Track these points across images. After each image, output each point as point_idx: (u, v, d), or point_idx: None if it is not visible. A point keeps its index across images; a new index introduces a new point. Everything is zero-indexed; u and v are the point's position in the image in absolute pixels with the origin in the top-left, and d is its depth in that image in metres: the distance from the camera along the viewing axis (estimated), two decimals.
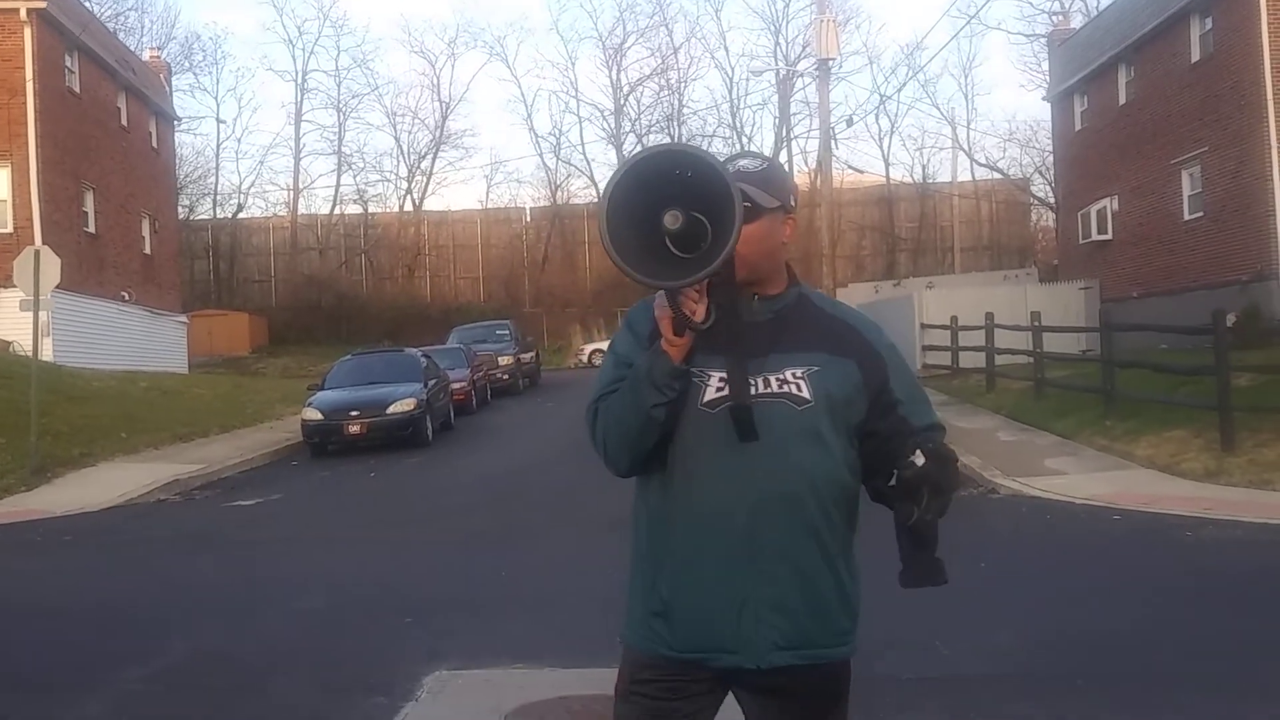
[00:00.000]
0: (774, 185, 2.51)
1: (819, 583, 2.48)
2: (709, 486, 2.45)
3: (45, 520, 12.33)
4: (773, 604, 2.44)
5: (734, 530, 2.43)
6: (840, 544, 2.53)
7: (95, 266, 27.45)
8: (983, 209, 46.11)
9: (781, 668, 2.46)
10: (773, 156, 2.96)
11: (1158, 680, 5.67)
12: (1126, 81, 25.88)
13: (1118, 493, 11.72)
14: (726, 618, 2.45)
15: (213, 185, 51.78)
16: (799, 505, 2.43)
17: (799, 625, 2.46)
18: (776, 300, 2.53)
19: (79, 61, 27.05)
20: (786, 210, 2.52)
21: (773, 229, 2.49)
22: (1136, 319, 19.94)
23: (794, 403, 2.43)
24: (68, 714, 5.51)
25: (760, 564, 2.43)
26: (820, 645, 2.50)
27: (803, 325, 2.51)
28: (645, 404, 2.40)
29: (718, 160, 2.23)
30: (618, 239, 2.22)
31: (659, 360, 2.38)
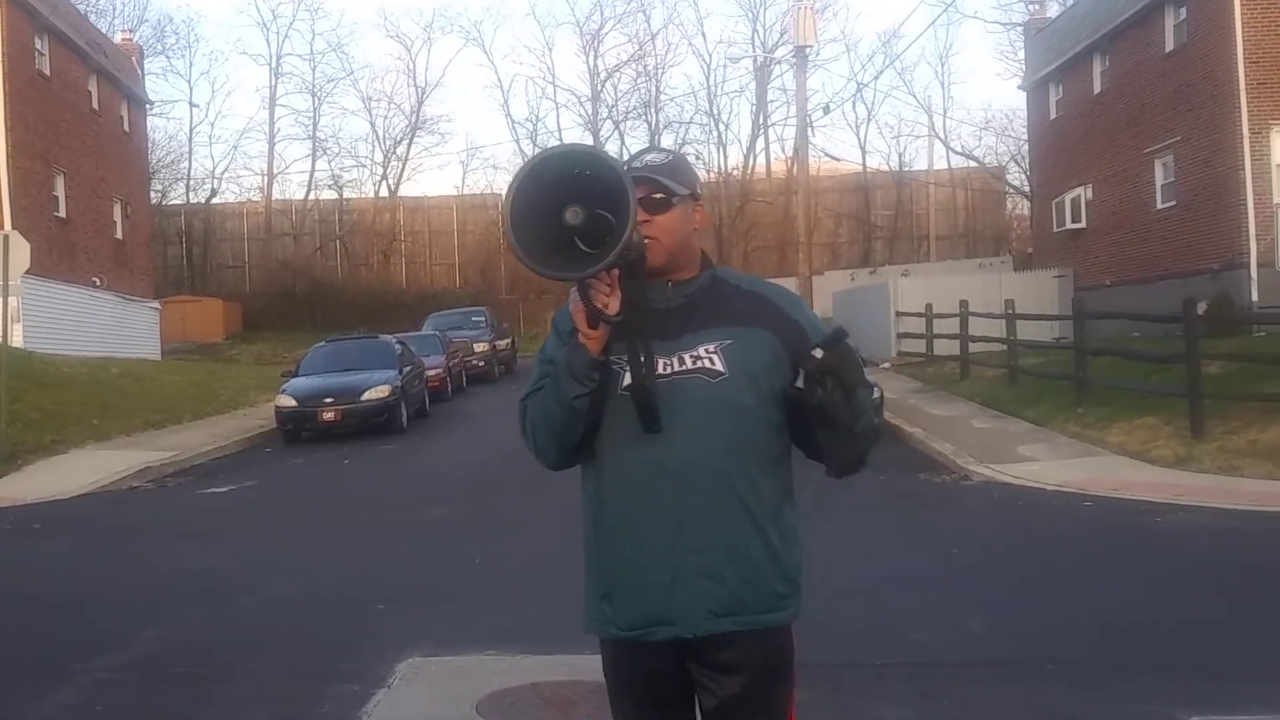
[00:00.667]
0: (682, 175, 2.62)
1: (749, 549, 2.53)
2: (634, 466, 2.54)
3: (15, 508, 12.23)
4: (703, 572, 2.51)
5: (660, 505, 2.52)
6: (769, 510, 2.57)
7: (66, 252, 27.20)
8: (958, 197, 46.25)
9: (721, 636, 2.52)
10: (676, 150, 3.06)
11: (1125, 665, 5.73)
12: (1101, 71, 25.98)
13: (1088, 479, 11.83)
14: (660, 590, 2.53)
15: (186, 170, 51.32)
16: (721, 474, 2.51)
17: (733, 592, 2.52)
18: (689, 284, 2.63)
19: (49, 44, 26.74)
20: (695, 198, 2.64)
21: (686, 217, 2.61)
22: (1110, 307, 20.05)
23: (708, 376, 2.53)
24: (37, 704, 5.47)
25: (687, 534, 2.51)
26: (756, 611, 2.53)
27: (716, 304, 2.60)
28: (567, 396, 2.52)
29: (613, 157, 2.36)
30: (521, 236, 2.35)
31: (577, 353, 2.50)
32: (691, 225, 2.61)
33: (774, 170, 48.84)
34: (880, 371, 23.19)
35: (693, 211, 2.62)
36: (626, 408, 2.53)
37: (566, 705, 5.25)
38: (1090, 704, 5.18)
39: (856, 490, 12.01)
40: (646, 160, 2.62)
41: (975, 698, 5.35)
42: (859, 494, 11.85)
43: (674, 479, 2.50)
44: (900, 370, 24.31)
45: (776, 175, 47.76)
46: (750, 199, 46.43)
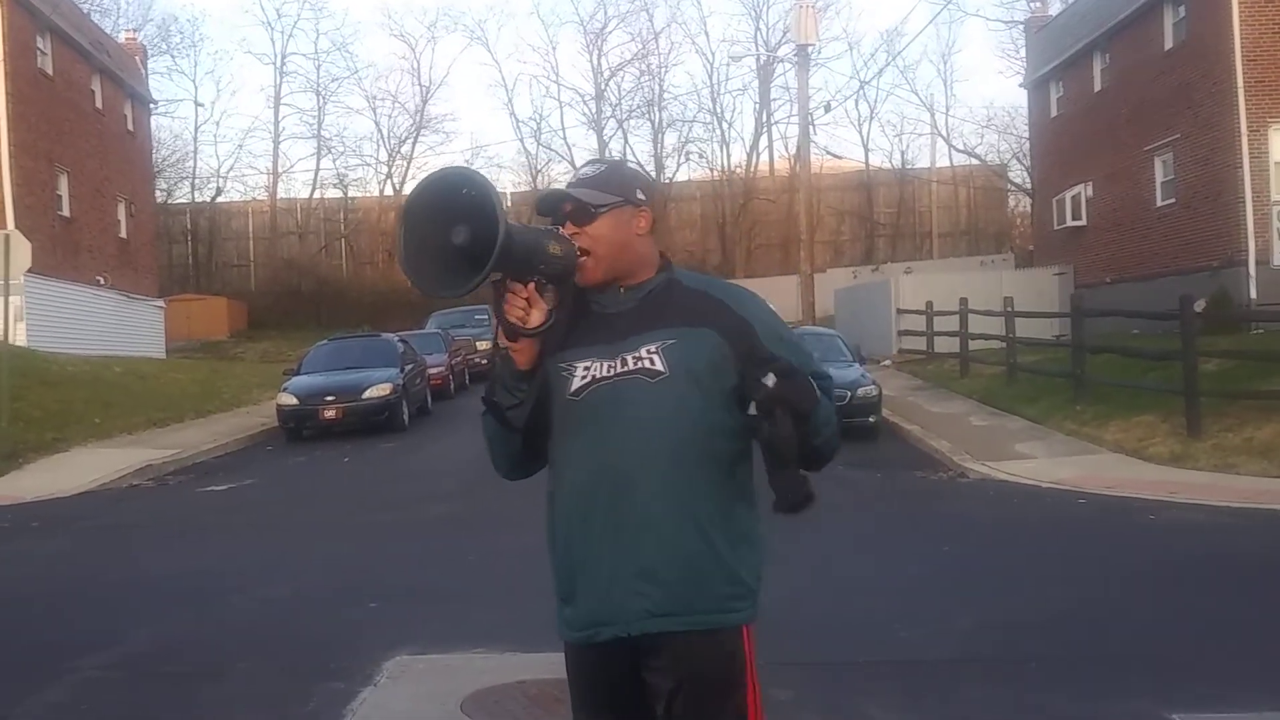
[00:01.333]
0: (613, 184, 2.63)
1: (688, 549, 2.50)
2: (576, 469, 2.57)
3: (15, 506, 12.29)
4: (639, 573, 2.50)
5: (598, 507, 2.53)
6: (715, 511, 2.53)
7: (70, 251, 27.28)
8: (961, 195, 46.23)
9: (666, 637, 2.50)
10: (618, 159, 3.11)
11: (1112, 661, 5.75)
12: (1101, 69, 25.96)
13: (1084, 476, 11.86)
14: (600, 592, 2.54)
15: (191, 169, 51.38)
16: (659, 475, 2.49)
17: (672, 592, 2.49)
18: (641, 288, 2.64)
19: (51, 43, 26.81)
20: (634, 204, 2.63)
21: (619, 224, 2.61)
22: (1109, 304, 20.06)
23: (648, 376, 2.52)
24: (25, 702, 5.50)
25: (624, 535, 2.51)
26: (700, 611, 2.50)
27: (666, 306, 2.60)
28: (499, 408, 2.59)
29: (487, 180, 2.40)
30: (410, 255, 2.44)
31: (505, 364, 2.57)
32: (631, 231, 2.62)
33: (777, 168, 48.84)
34: (881, 369, 23.21)
35: (632, 217, 2.62)
36: (571, 411, 2.56)
37: (551, 703, 5.27)
38: (1074, 701, 5.20)
39: (852, 488, 12.07)
40: (578, 175, 2.69)
41: (960, 695, 5.37)
42: (854, 491, 11.90)
43: (613, 481, 2.51)
44: (901, 367, 24.33)
45: (780, 173, 47.77)
46: (753, 197, 46.45)
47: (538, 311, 2.48)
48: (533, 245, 2.46)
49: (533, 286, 2.46)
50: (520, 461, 2.70)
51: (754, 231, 46.18)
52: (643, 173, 2.84)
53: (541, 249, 2.47)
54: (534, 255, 2.45)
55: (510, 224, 2.37)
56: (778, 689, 5.14)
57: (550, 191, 2.69)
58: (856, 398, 15.53)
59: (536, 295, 2.48)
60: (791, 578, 7.11)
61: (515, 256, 2.39)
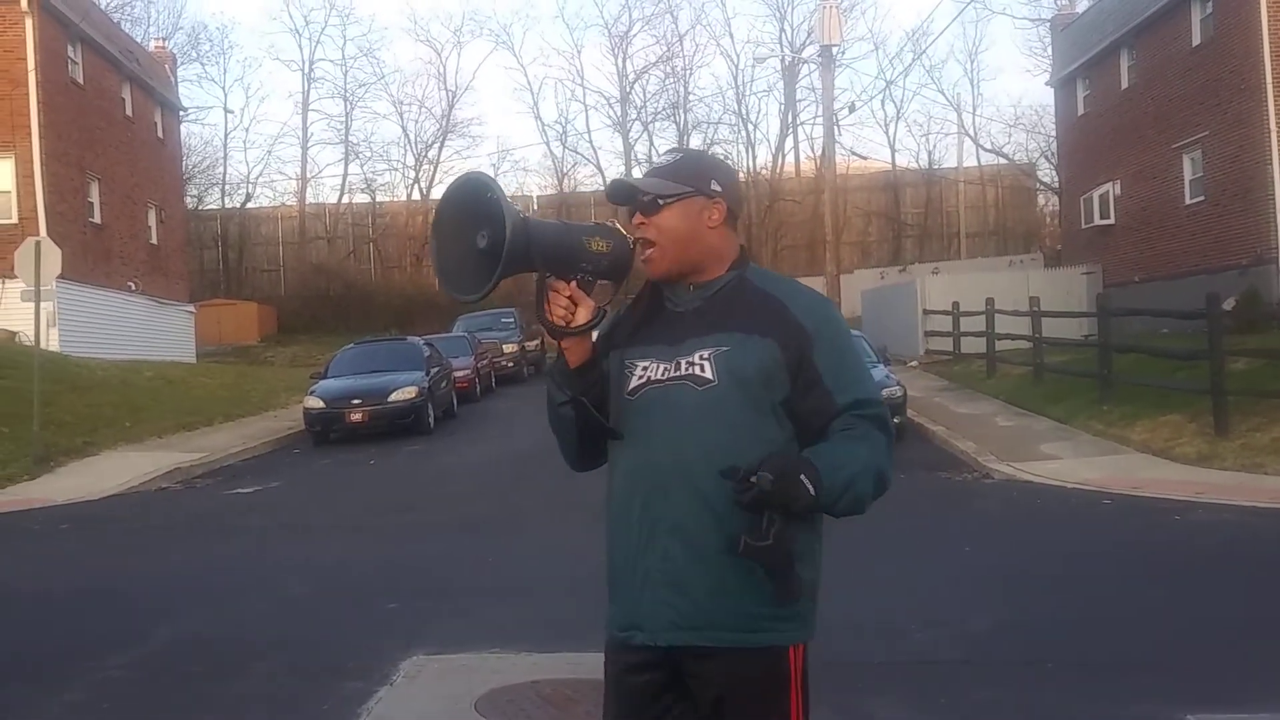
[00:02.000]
0: (684, 173, 2.55)
1: (717, 563, 2.42)
2: (624, 469, 2.55)
3: (46, 509, 12.45)
4: (668, 581, 2.46)
5: (636, 509, 2.50)
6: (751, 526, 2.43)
7: (101, 257, 27.58)
8: (988, 194, 45.94)
9: (697, 650, 2.46)
10: (696, 149, 3.00)
11: (1129, 662, 5.72)
12: (1128, 66, 25.78)
13: (1110, 477, 11.76)
14: (633, 595, 2.51)
15: (221, 175, 51.89)
16: (694, 483, 2.43)
17: (697, 605, 2.44)
18: (709, 286, 2.55)
19: (82, 52, 27.12)
20: (706, 195, 2.53)
21: (686, 216, 2.52)
22: (1138, 304, 19.90)
23: (695, 383, 2.46)
24: (47, 701, 5.59)
25: (657, 541, 2.47)
26: (725, 629, 2.44)
27: (730, 307, 2.51)
28: (554, 402, 2.59)
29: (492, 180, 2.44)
30: (438, 260, 2.49)
31: (557, 361, 2.56)
32: (702, 223, 2.52)
33: (803, 169, 48.75)
34: (907, 369, 23.13)
35: (703, 209, 2.52)
36: (627, 412, 2.53)
37: (565, 703, 5.30)
38: (1086, 701, 5.17)
39: None
40: (654, 163, 2.63)
41: (971, 696, 5.35)
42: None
43: (651, 485, 2.48)
44: (927, 368, 24.23)
45: (805, 174, 47.66)
46: (779, 198, 46.34)
47: (583, 310, 2.46)
48: (568, 244, 2.46)
49: (574, 285, 2.45)
50: (582, 454, 2.66)
51: (780, 233, 46.09)
52: (724, 164, 2.70)
53: (580, 247, 2.47)
54: (573, 254, 2.46)
55: (536, 223, 2.41)
56: None
57: (616, 180, 2.62)
58: None
59: (581, 294, 2.46)
60: None
61: (548, 257, 2.41)
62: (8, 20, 24.18)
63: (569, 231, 2.50)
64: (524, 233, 2.36)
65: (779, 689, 2.48)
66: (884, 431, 2.46)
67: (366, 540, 10.18)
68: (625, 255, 2.52)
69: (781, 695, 2.48)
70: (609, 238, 2.52)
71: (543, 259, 2.41)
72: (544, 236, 2.42)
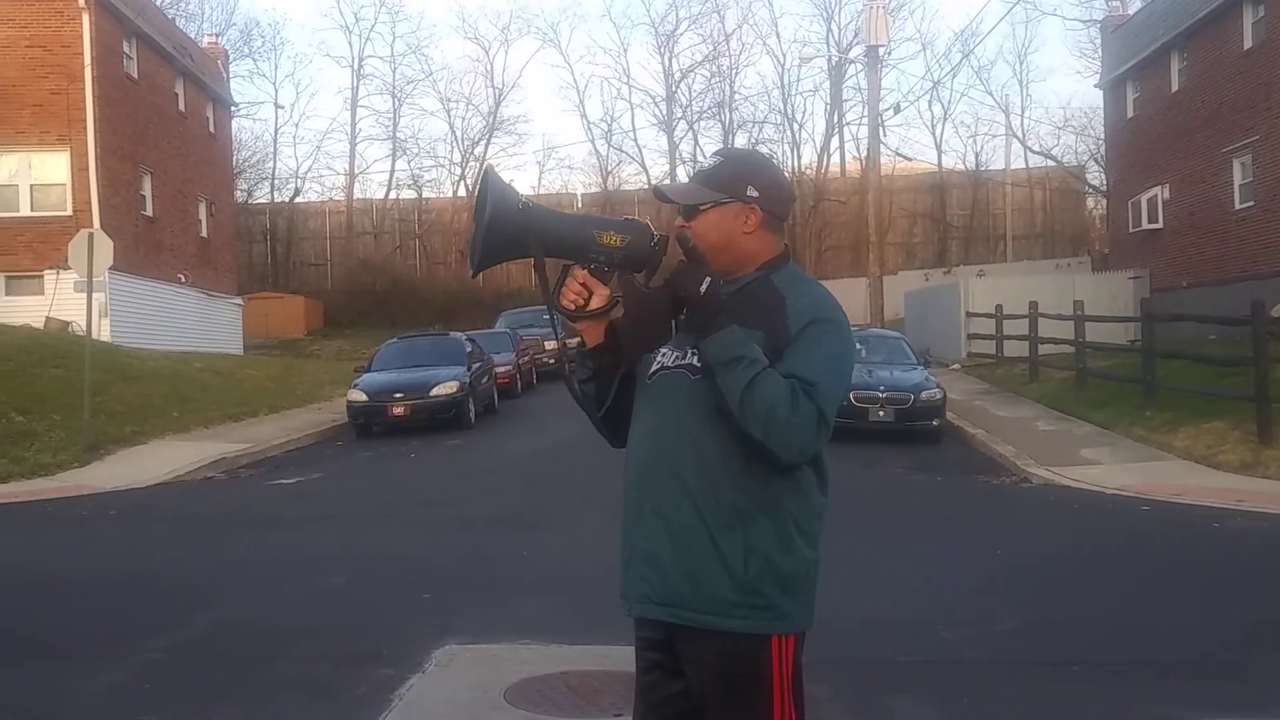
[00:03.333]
0: (721, 180, 2.65)
1: (692, 546, 2.52)
2: (630, 449, 2.70)
3: (94, 495, 12.71)
4: (646, 557, 2.59)
5: (633, 488, 2.65)
6: (730, 514, 2.51)
7: (152, 249, 28.04)
8: (1036, 197, 45.55)
9: (679, 629, 2.56)
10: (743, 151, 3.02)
11: (1155, 666, 5.73)
12: (1179, 69, 25.47)
13: (1150, 483, 11.69)
14: (624, 568, 2.67)
15: (270, 170, 52.58)
16: (677, 468, 2.55)
17: (669, 583, 2.55)
18: (736, 283, 2.65)
19: (137, 48, 27.58)
20: (743, 201, 2.62)
21: (721, 221, 2.63)
22: (1185, 309, 19.68)
23: (689, 372, 2.58)
24: (89, 682, 5.75)
25: (642, 520, 2.61)
26: (695, 610, 2.52)
27: (744, 303, 2.59)
28: (574, 380, 2.74)
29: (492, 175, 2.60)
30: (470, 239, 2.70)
31: (579, 342, 2.71)
32: (737, 229, 2.62)
33: (848, 170, 48.60)
34: (949, 372, 23.03)
35: (738, 215, 2.62)
36: (641, 395, 2.67)
37: (592, 694, 5.39)
38: (1110, 704, 5.19)
39: (911, 491, 12.06)
40: (698, 166, 2.77)
41: (995, 696, 5.38)
42: (913, 494, 11.89)
43: (643, 466, 2.62)
44: (969, 371, 24.09)
45: (851, 174, 47.52)
46: (824, 199, 46.22)
47: (597, 296, 2.60)
48: (574, 237, 2.59)
49: (585, 273, 2.59)
50: (609, 431, 2.79)
51: (824, 233, 45.99)
52: (766, 168, 2.76)
53: (589, 240, 2.58)
54: (580, 246, 2.58)
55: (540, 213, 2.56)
56: (813, 685, 5.16)
57: (655, 186, 2.80)
58: (920, 401, 15.48)
59: (595, 281, 2.59)
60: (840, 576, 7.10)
61: (548, 246, 2.55)
62: (65, 16, 24.65)
63: (579, 224, 2.63)
64: (519, 220, 2.50)
65: (757, 681, 2.52)
66: (811, 404, 2.43)
67: (404, 531, 10.33)
68: (642, 250, 2.60)
69: (761, 688, 2.53)
70: (626, 232, 2.61)
71: (542, 247, 2.55)
72: (545, 226, 2.56)
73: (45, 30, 24.68)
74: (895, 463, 13.70)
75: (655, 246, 2.62)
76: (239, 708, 5.39)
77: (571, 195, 51.06)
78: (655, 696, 2.67)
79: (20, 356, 18.60)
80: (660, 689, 2.66)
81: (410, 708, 5.25)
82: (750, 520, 2.52)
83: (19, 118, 24.55)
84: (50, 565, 9.03)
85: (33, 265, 24.21)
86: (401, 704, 5.27)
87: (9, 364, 17.97)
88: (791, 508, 2.54)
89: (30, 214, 24.73)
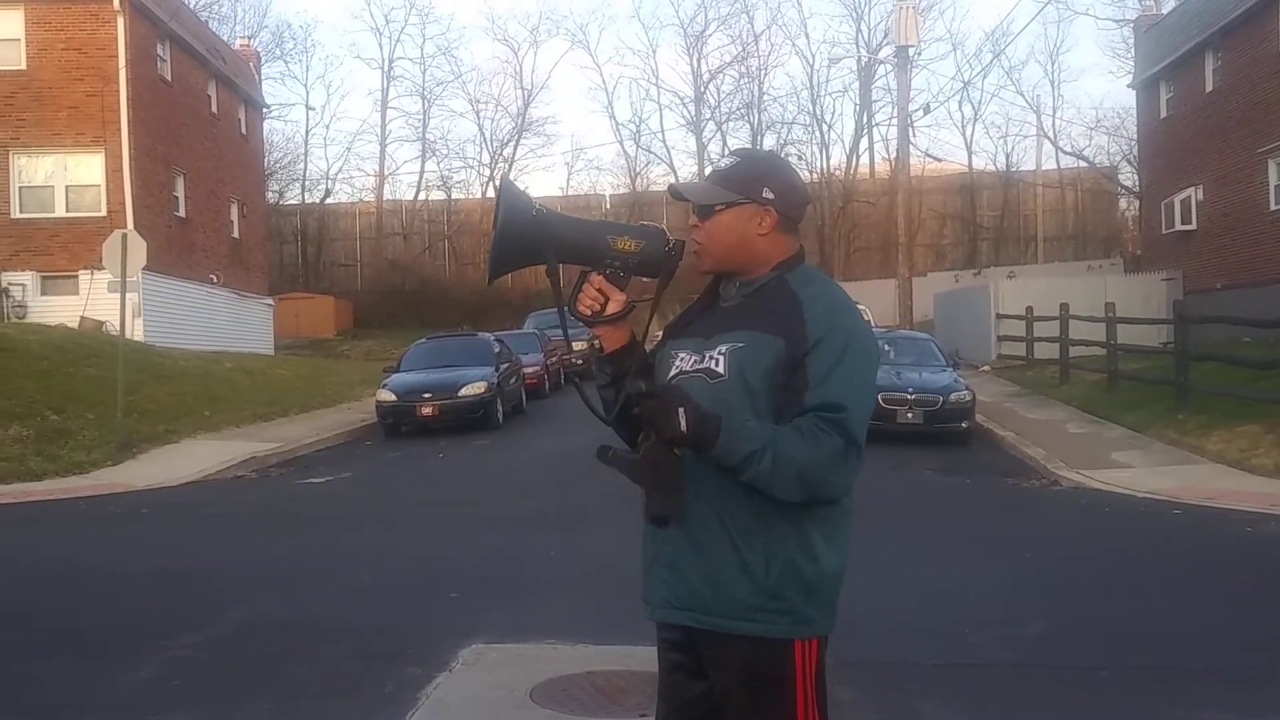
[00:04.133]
0: (736, 180, 2.62)
1: (712, 551, 2.52)
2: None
3: (127, 494, 12.84)
4: (668, 561, 2.59)
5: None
6: (751, 519, 2.49)
7: (185, 250, 28.30)
8: (1068, 198, 45.22)
9: (700, 633, 2.55)
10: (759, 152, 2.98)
11: (1184, 671, 5.68)
12: (1213, 69, 25.23)
13: (1182, 487, 11.58)
14: (646, 572, 2.66)
15: (302, 171, 52.93)
16: (696, 473, 2.51)
17: (690, 588, 2.54)
18: (751, 285, 2.63)
19: (170, 50, 27.85)
20: (757, 203, 2.59)
21: (736, 222, 2.60)
22: (1219, 311, 19.47)
23: (709, 377, 2.55)
24: (121, 677, 5.82)
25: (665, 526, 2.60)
26: (718, 614, 2.52)
27: (759, 305, 2.57)
28: (596, 385, 2.74)
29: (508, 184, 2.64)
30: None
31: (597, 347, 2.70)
32: (751, 230, 2.59)
33: (877, 170, 48.40)
34: (979, 374, 22.89)
35: (753, 216, 2.59)
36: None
37: (618, 694, 5.40)
38: (1139, 708, 5.15)
39: (939, 494, 12.00)
40: (714, 166, 2.73)
41: (1022, 700, 5.35)
42: (941, 497, 11.83)
43: None
44: (999, 373, 23.95)
45: (880, 175, 47.32)
46: (853, 200, 46.07)
47: (613, 302, 2.61)
48: (589, 243, 2.59)
49: (600, 279, 2.59)
50: (622, 435, 2.76)
51: (853, 234, 45.83)
52: (783, 169, 2.73)
53: (603, 246, 2.59)
54: (595, 252, 2.59)
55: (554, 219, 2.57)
56: (840, 687, 5.17)
57: (672, 185, 2.77)
58: (949, 403, 15.40)
59: (611, 286, 2.60)
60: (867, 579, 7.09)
61: (563, 252, 2.56)
62: (100, 19, 24.92)
63: (593, 230, 2.63)
64: (533, 226, 2.52)
65: (780, 684, 2.51)
66: (841, 436, 2.41)
67: (432, 531, 10.38)
68: (657, 255, 2.62)
69: (784, 691, 2.52)
70: (641, 238, 2.62)
71: (556, 253, 2.56)
72: (559, 232, 2.58)
73: (81, 33, 24.97)
74: (924, 465, 13.64)
75: (670, 251, 2.62)
76: (267, 704, 5.44)
77: (600, 197, 51.13)
78: (678, 698, 2.67)
79: (55, 356, 18.82)
80: (683, 690, 2.65)
81: (437, 706, 5.27)
82: (772, 525, 2.50)
83: (55, 120, 24.85)
84: (83, 562, 9.13)
85: (68, 265, 24.50)
86: (428, 702, 5.30)
87: (44, 363, 18.19)
88: (815, 512, 2.51)
89: (65, 215, 25.02)
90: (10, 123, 24.78)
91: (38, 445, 14.81)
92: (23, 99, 24.79)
